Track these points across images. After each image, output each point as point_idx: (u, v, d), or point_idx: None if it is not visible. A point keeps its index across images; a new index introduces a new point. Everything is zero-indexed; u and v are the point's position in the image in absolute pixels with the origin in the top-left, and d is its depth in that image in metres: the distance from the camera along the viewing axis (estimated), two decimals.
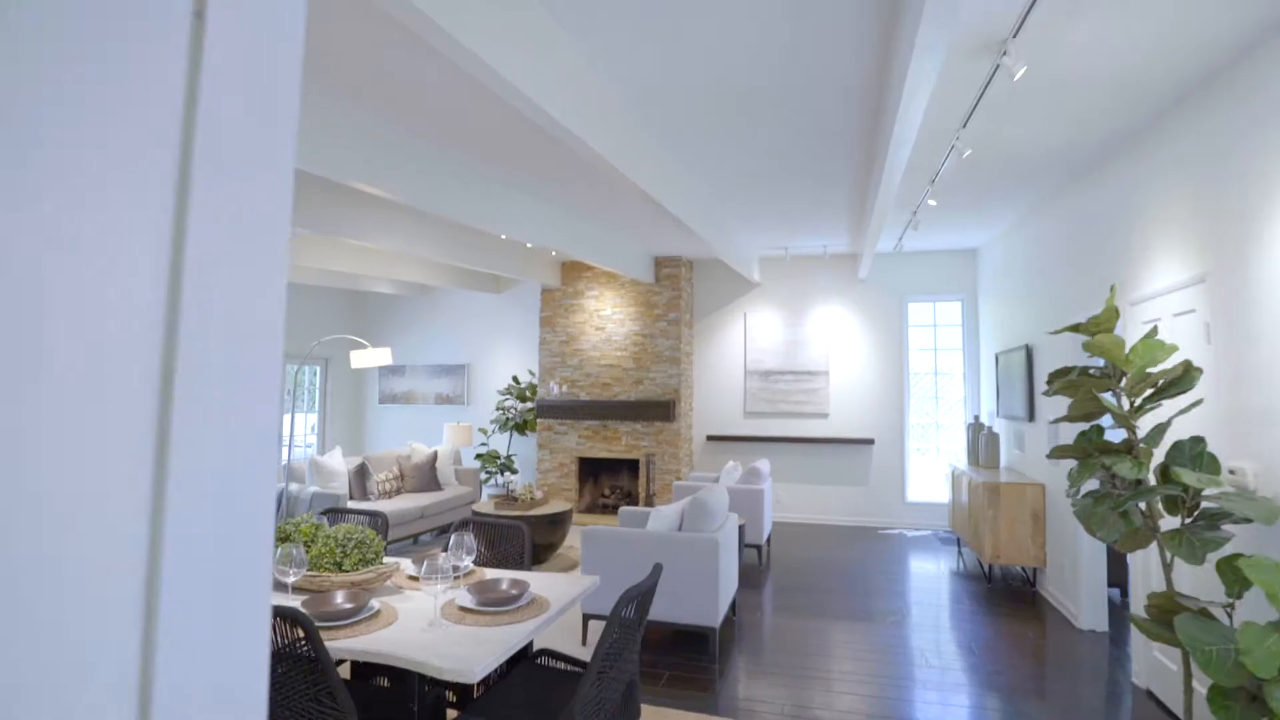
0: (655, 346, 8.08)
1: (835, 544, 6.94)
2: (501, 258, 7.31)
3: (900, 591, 5.35)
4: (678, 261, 8.06)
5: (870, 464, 7.83)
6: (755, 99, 3.55)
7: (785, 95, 3.49)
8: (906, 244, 6.93)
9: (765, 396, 8.18)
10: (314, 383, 9.87)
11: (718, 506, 4.14)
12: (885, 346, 7.85)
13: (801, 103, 3.57)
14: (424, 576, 2.26)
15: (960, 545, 6.81)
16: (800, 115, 3.75)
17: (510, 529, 3.19)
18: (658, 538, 4.01)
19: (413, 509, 6.32)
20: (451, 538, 2.61)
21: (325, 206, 5.35)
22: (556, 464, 8.42)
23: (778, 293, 8.23)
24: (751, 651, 4.13)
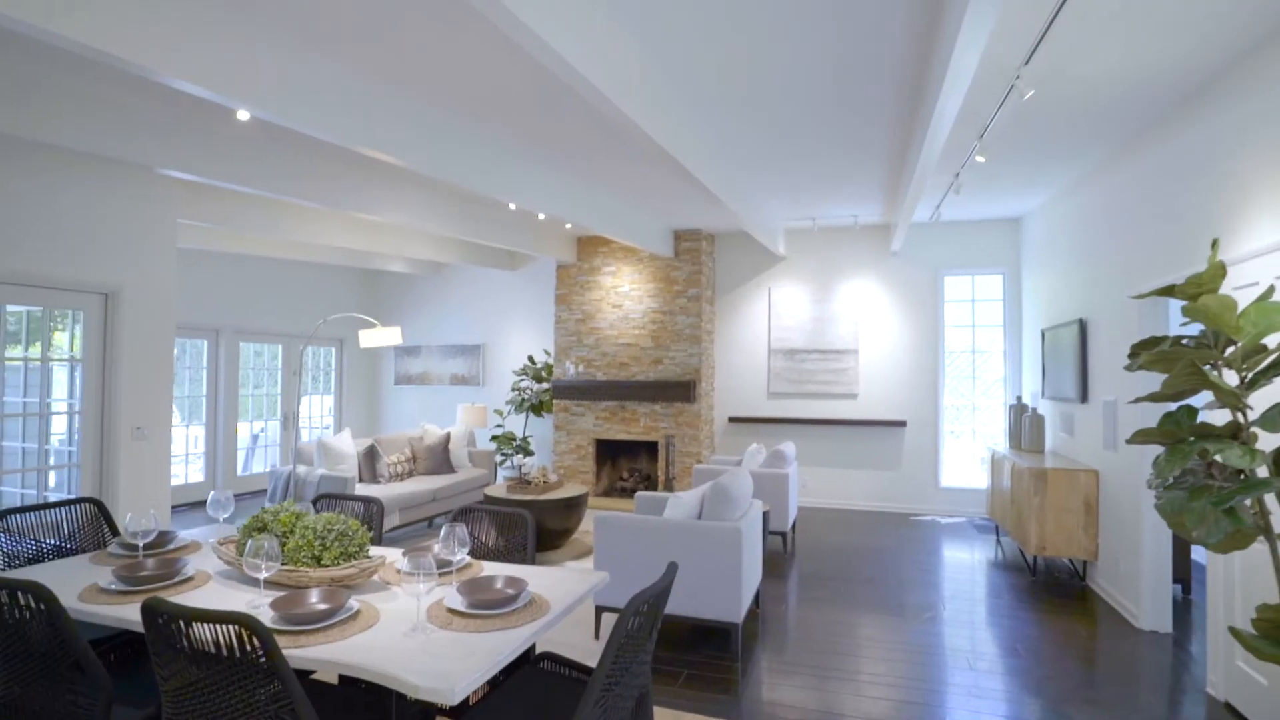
0: (675, 324, 7.74)
1: (864, 530, 6.59)
2: (514, 232, 7.00)
3: (935, 583, 5.00)
4: (698, 235, 7.69)
5: (902, 447, 7.45)
6: (783, 40, 3.17)
7: (816, 32, 3.10)
8: (944, 213, 6.48)
9: (790, 376, 7.81)
10: (329, 364, 9.69)
11: (740, 493, 3.82)
12: (919, 323, 7.42)
13: (836, 40, 3.19)
14: (405, 574, 1.98)
15: (999, 534, 6.43)
16: (834, 55, 3.36)
17: (513, 517, 2.91)
18: (676, 526, 3.70)
19: (424, 492, 6.10)
20: (443, 529, 2.32)
21: (332, 178, 5.08)
22: (573, 446, 8.16)
23: (804, 267, 7.83)
24: (776, 649, 3.83)
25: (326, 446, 5.68)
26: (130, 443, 4.66)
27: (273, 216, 5.97)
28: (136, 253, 4.69)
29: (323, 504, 3.30)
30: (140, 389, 4.71)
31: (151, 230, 4.77)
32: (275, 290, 8.68)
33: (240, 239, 6.88)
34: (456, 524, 2.36)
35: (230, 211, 5.58)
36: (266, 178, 4.65)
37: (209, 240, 6.64)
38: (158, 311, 4.81)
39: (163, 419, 4.86)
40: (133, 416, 4.66)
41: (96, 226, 4.47)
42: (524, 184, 5.12)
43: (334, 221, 6.58)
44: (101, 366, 4.60)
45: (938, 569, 5.37)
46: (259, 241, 7.07)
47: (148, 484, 4.76)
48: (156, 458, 4.83)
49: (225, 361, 8.03)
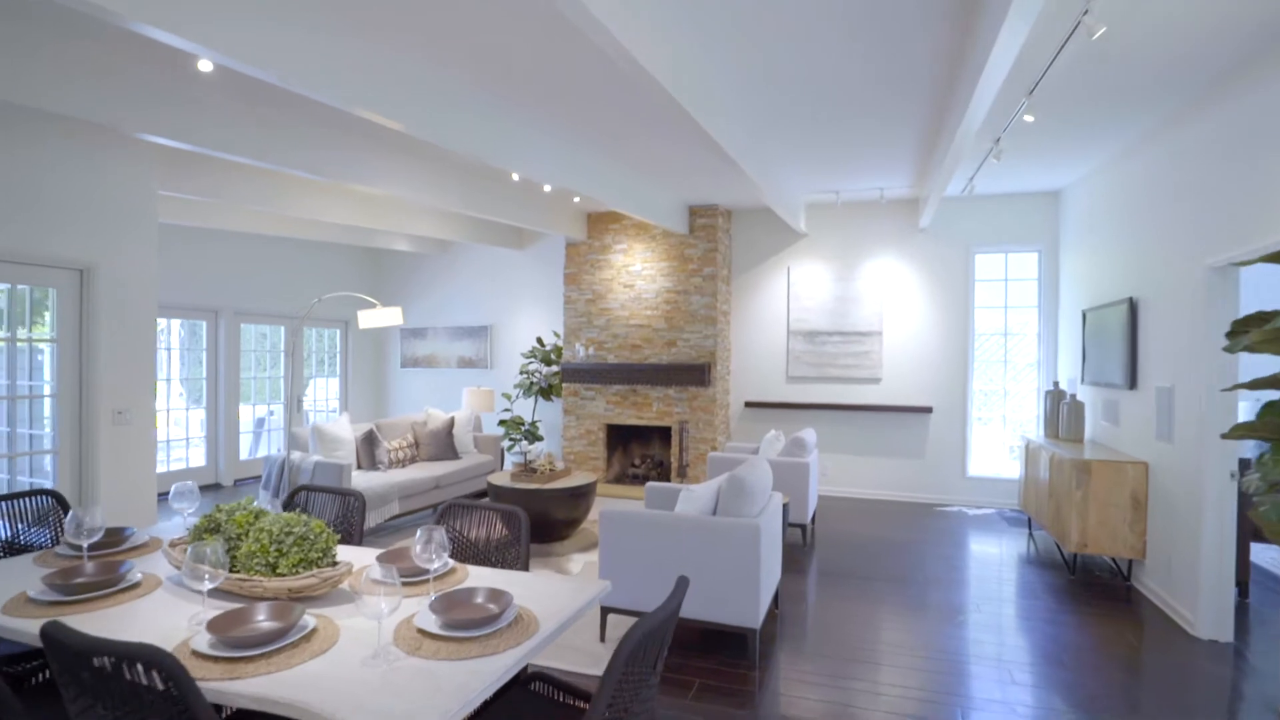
0: (689, 305, 7.39)
1: (888, 522, 6.25)
2: (521, 207, 6.66)
3: (966, 580, 4.66)
4: (714, 210, 7.30)
5: (927, 434, 7.07)
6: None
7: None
8: (978, 185, 6.04)
9: (810, 359, 7.44)
10: (334, 346, 9.45)
11: (759, 485, 3.49)
12: (947, 304, 7.01)
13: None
14: (364, 588, 1.68)
15: (1031, 527, 6.06)
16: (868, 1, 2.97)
17: (506, 515, 2.60)
18: (688, 523, 3.39)
19: (426, 479, 5.83)
20: (419, 532, 2.02)
21: (326, 147, 4.76)
22: (583, 431, 7.87)
23: (826, 244, 7.42)
24: (797, 655, 3.51)
25: (322, 432, 5.42)
26: (111, 427, 4.41)
27: (265, 189, 5.67)
28: (113, 226, 4.41)
29: (301, 497, 3.02)
30: (120, 371, 4.45)
31: (129, 202, 4.49)
32: (277, 270, 8.42)
33: (238, 215, 6.60)
34: (435, 527, 2.06)
35: (216, 183, 5.29)
36: (253, 145, 4.34)
37: (206, 217, 6.37)
38: (137, 289, 4.54)
39: (146, 402, 4.61)
40: (113, 399, 4.41)
41: (68, 197, 4.20)
42: (528, 152, 4.77)
43: (333, 196, 6.27)
44: (79, 347, 4.34)
45: (968, 565, 5.03)
46: (258, 219, 6.79)
47: (131, 470, 4.52)
48: (140, 443, 4.59)
49: (226, 343, 7.80)
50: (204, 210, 6.31)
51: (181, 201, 6.09)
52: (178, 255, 7.30)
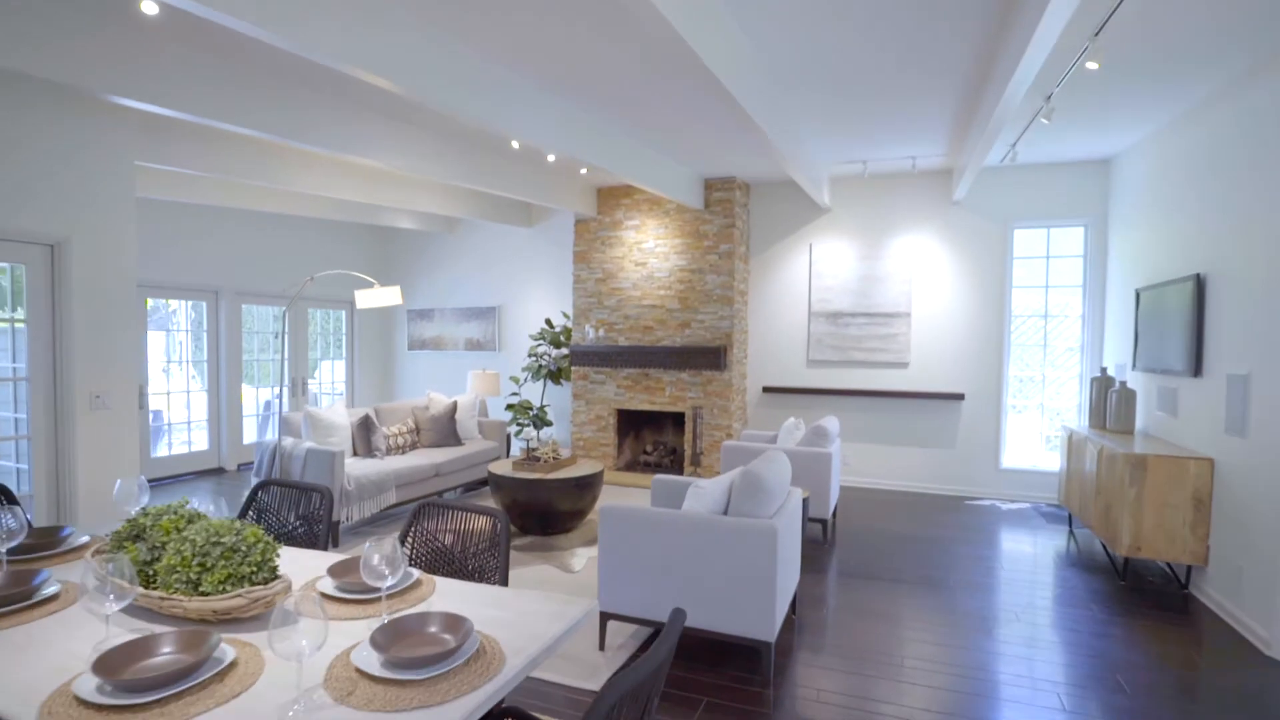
0: (704, 284, 6.99)
1: (915, 516, 5.85)
2: (526, 181, 6.30)
3: (1000, 583, 4.27)
4: (731, 183, 6.87)
5: (958, 422, 6.64)
6: None
7: None
8: (1021, 153, 5.56)
9: (833, 342, 7.03)
10: (339, 328, 9.20)
11: (776, 481, 3.13)
12: (982, 283, 6.54)
13: None
14: (306, 608, 1.37)
15: (1072, 524, 5.63)
16: None
17: (485, 516, 2.27)
18: (696, 523, 3.04)
19: (425, 466, 5.55)
20: (368, 544, 1.70)
21: (314, 111, 4.43)
22: (593, 416, 7.54)
23: (851, 219, 6.97)
24: (816, 668, 3.17)
25: (315, 418, 5.15)
26: (88, 413, 4.16)
27: (256, 161, 5.36)
28: (86, 198, 4.12)
29: (266, 493, 2.72)
30: (97, 352, 4.19)
31: (103, 172, 4.19)
32: (279, 249, 8.16)
33: (236, 192, 6.31)
34: (387, 537, 1.73)
35: (200, 153, 4.99)
36: (234, 109, 4.01)
37: (204, 194, 6.08)
38: (115, 266, 4.26)
39: (127, 386, 4.35)
40: (90, 383, 4.15)
41: (35, 166, 3.91)
42: (530, 116, 4.40)
43: (331, 170, 5.95)
44: (52, 327, 4.08)
45: (1004, 566, 4.63)
46: (257, 195, 6.49)
47: (111, 458, 4.27)
48: (122, 429, 4.33)
49: (227, 324, 7.57)
50: (200, 186, 6.03)
51: (176, 177, 5.81)
52: (175, 234, 7.05)
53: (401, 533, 2.36)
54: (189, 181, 5.93)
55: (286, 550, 2.28)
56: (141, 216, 6.71)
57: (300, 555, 2.25)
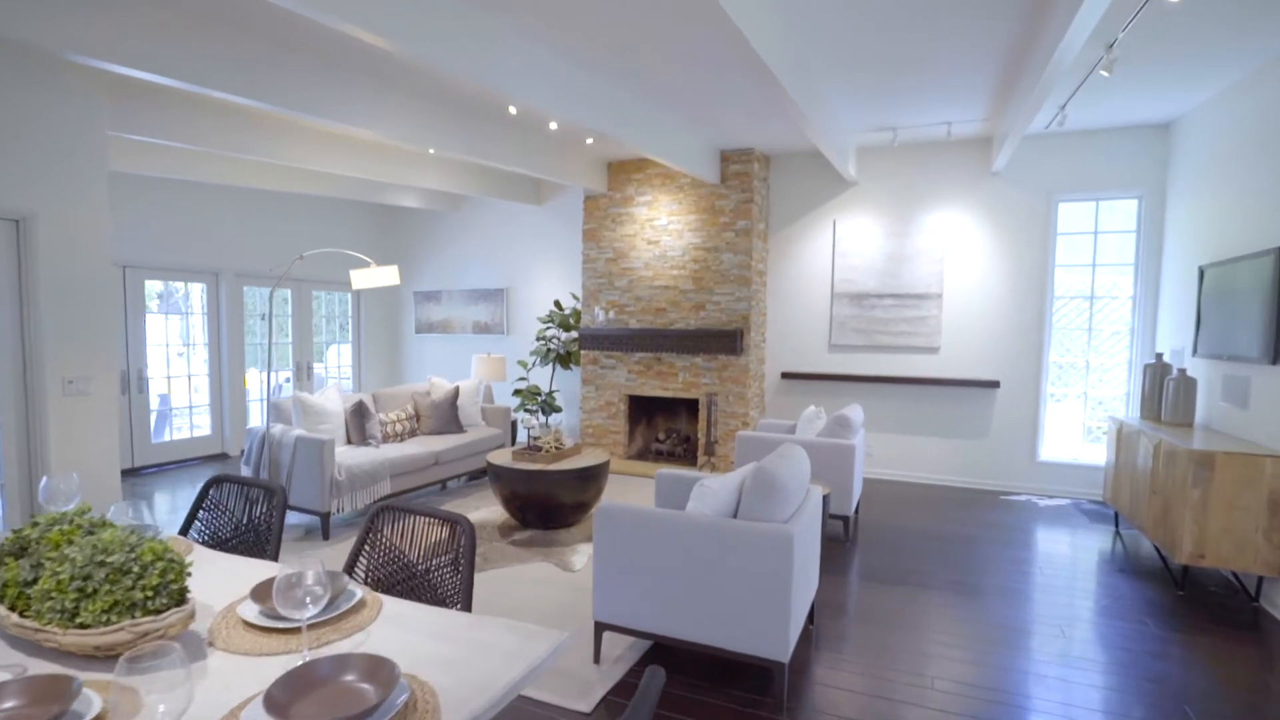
0: (720, 263, 6.59)
1: (944, 512, 5.45)
2: (530, 153, 5.93)
3: (1041, 591, 3.87)
4: (749, 155, 6.44)
5: (992, 412, 6.19)
6: None
7: None
8: (1071, 116, 5.06)
9: (857, 326, 6.60)
10: (344, 311, 8.96)
11: (793, 481, 2.77)
12: (1022, 262, 6.05)
13: None
14: (221, 638, 1.04)
15: (1118, 523, 5.19)
16: None
17: (448, 527, 1.94)
18: (701, 527, 2.69)
19: (423, 455, 5.26)
20: (280, 574, 1.37)
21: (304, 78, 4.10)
22: (603, 403, 7.21)
23: (879, 193, 6.50)
24: (835, 689, 2.82)
25: (305, 404, 4.88)
26: (62, 399, 3.91)
27: (243, 132, 5.07)
28: (53, 170, 3.85)
29: (217, 490, 2.42)
30: (70, 334, 3.93)
31: (72, 143, 3.91)
32: (281, 229, 7.90)
33: (231, 168, 6.03)
34: (308, 561, 1.40)
35: (179, 122, 4.69)
36: (213, 72, 3.71)
37: (198, 170, 5.82)
38: (87, 242, 3.99)
39: (106, 370, 4.10)
40: (63, 367, 3.90)
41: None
42: (534, 78, 4.02)
43: (323, 142, 5.64)
44: (19, 308, 3.83)
45: (1044, 570, 4.23)
46: (254, 172, 6.21)
47: (88, 447, 4.03)
48: (100, 416, 4.08)
49: (228, 306, 7.35)
50: (194, 162, 5.76)
51: (168, 153, 5.55)
52: (171, 213, 6.81)
53: (358, 539, 2.04)
54: (179, 157, 5.67)
55: (227, 561, 1.97)
56: (136, 196, 6.48)
57: (242, 568, 1.94)
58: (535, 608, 3.51)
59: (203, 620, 1.58)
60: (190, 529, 2.31)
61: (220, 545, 2.28)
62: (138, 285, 6.57)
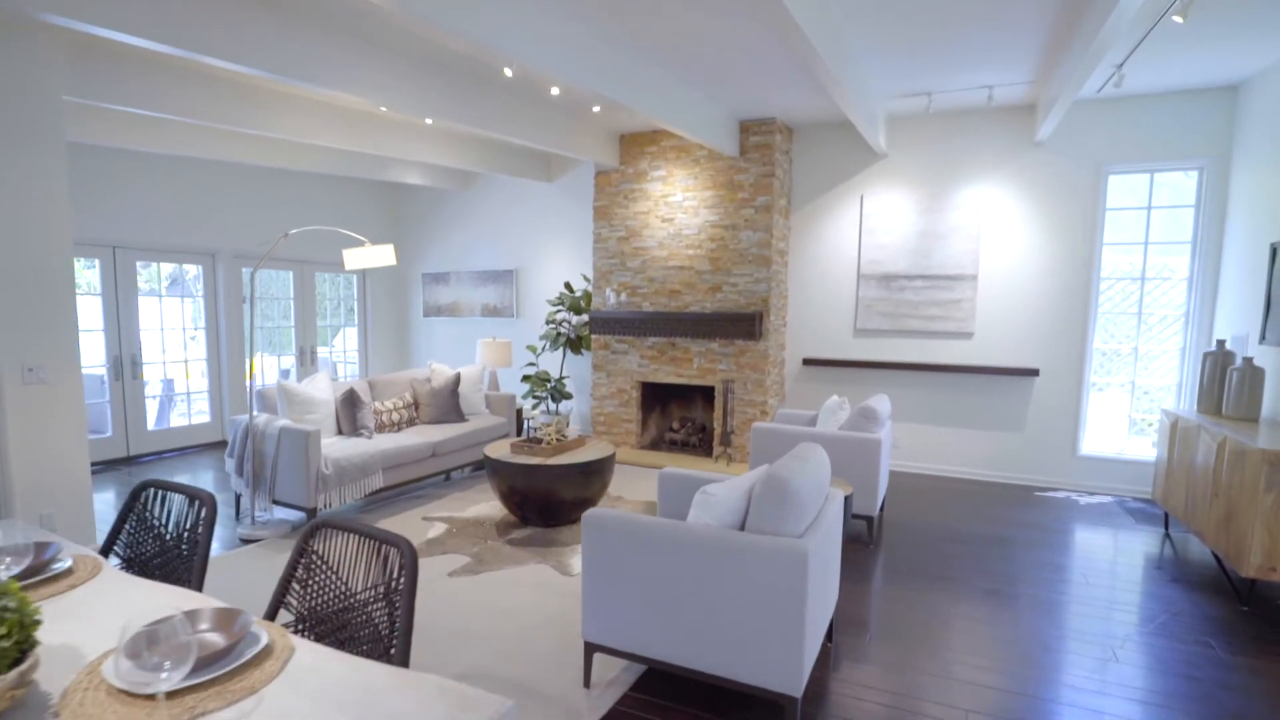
0: (738, 242, 6.19)
1: (976, 509, 5.05)
2: (534, 122, 5.56)
3: (1086, 603, 3.47)
4: (770, 126, 6.00)
5: (1029, 402, 5.75)
6: None
7: None
8: (1129, 77, 4.56)
9: (885, 309, 6.17)
10: (349, 293, 8.71)
11: (809, 486, 2.41)
12: (1066, 240, 5.57)
13: None
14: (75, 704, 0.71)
15: (1168, 525, 4.75)
16: None
17: (384, 551, 1.62)
18: (702, 541, 2.35)
19: (419, 446, 4.98)
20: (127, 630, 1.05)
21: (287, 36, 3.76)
22: (614, 390, 6.88)
23: (910, 166, 6.03)
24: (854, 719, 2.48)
25: (289, 392, 4.61)
26: (21, 388, 3.67)
27: (225, 101, 4.77)
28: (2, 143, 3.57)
29: (145, 496, 2.13)
30: (27, 319, 3.67)
31: (24, 109, 3.63)
32: (281, 208, 7.64)
33: (223, 143, 5.76)
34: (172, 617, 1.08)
35: (151, 89, 4.39)
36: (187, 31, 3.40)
37: (192, 144, 5.55)
38: (41, 219, 3.71)
39: (67, 358, 3.84)
40: (20, 354, 3.65)
41: None
42: (529, 34, 3.65)
43: (318, 113, 5.32)
44: None
45: (1089, 577, 3.83)
46: (249, 147, 5.93)
47: (52, 440, 3.78)
48: (65, 406, 3.84)
49: (226, 289, 7.12)
50: (185, 136, 5.49)
51: (157, 126, 5.29)
52: (164, 191, 6.56)
53: (289, 562, 1.74)
54: (170, 131, 5.39)
55: (140, 590, 1.66)
56: (126, 173, 6.24)
57: (153, 599, 1.63)
58: (525, 617, 3.21)
59: (67, 676, 1.28)
60: (114, 545, 2.02)
61: (143, 566, 1.99)
62: (129, 267, 6.35)
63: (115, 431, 6.30)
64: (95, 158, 6.05)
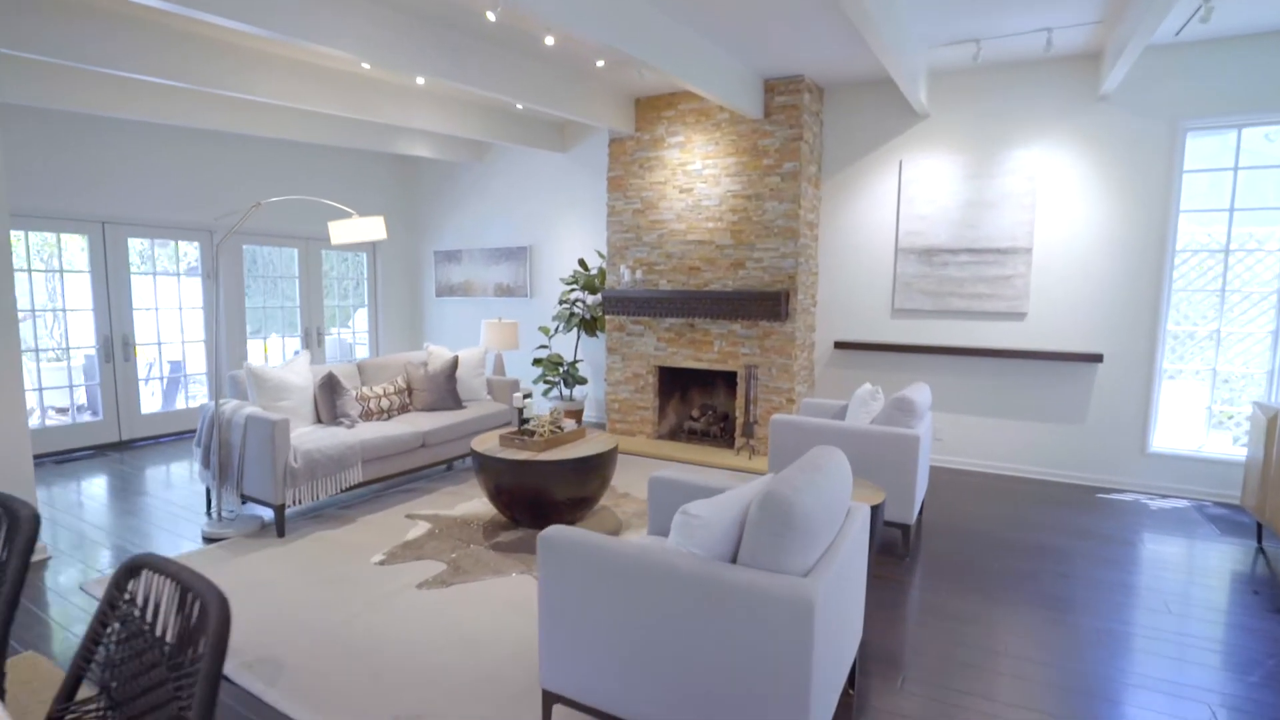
0: (763, 214, 5.62)
1: (1028, 512, 4.44)
2: (542, 86, 5.06)
3: (1167, 638, 2.89)
4: (798, 84, 5.39)
5: (1091, 391, 5.09)
6: None
7: None
8: (1215, 15, 3.85)
9: (926, 286, 5.54)
10: (359, 272, 8.38)
11: (820, 511, 1.90)
12: (1135, 207, 4.87)
13: None
14: None
15: (1261, 537, 4.09)
16: None
17: (190, 606, 1.17)
18: (680, 577, 1.85)
19: (406, 436, 4.58)
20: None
21: None
22: (629, 375, 6.41)
23: (955, 126, 5.37)
24: None
25: (259, 376, 4.23)
26: None
27: (207, 62, 4.37)
28: None
29: None
30: None
31: None
32: (284, 182, 7.29)
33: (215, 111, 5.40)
34: None
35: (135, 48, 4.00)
36: None
37: (189, 112, 5.21)
38: None
39: (6, 335, 3.51)
40: None
41: None
42: None
43: (302, 73, 4.91)
44: None
45: (1168, 604, 3.23)
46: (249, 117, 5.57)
47: None
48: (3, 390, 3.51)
49: (226, 267, 6.82)
50: (178, 103, 5.14)
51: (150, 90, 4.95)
52: (158, 164, 6.25)
53: (98, 611, 1.30)
54: (163, 97, 5.05)
55: None
56: (117, 143, 5.93)
57: None
58: (491, 646, 2.76)
59: None
60: None
61: None
62: (120, 243, 6.07)
63: (106, 415, 6.06)
64: (84, 127, 5.75)
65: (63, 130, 5.63)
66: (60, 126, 5.62)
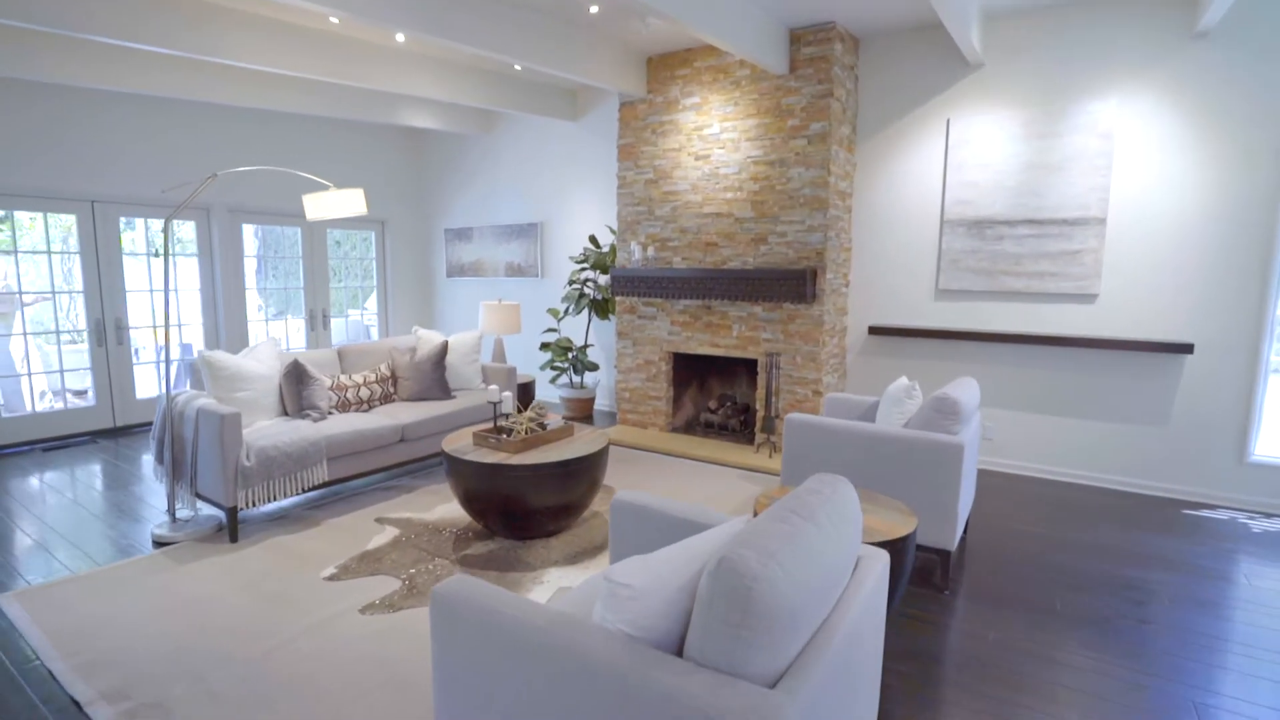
0: (787, 181, 4.96)
1: (1095, 531, 3.75)
2: (540, 42, 4.50)
3: None
4: (829, 32, 4.69)
5: (1177, 387, 4.32)
6: None
7: None
8: None
9: (977, 264, 4.82)
10: (367, 251, 8.01)
11: (803, 588, 1.34)
12: (1236, 169, 4.05)
13: None
14: None
15: None
16: None
17: None
18: (598, 668, 1.31)
19: (382, 430, 4.14)
20: None
21: None
22: (641, 361, 5.86)
23: (1015, 77, 4.60)
24: None
25: (213, 365, 3.82)
26: None
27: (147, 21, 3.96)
28: None
29: None
30: None
31: None
32: (285, 157, 6.92)
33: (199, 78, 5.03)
34: None
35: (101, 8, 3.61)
36: None
37: (178, 83, 4.86)
38: None
39: None
40: None
41: None
42: None
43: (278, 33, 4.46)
44: None
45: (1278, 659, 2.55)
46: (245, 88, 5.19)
47: None
48: None
49: (222, 247, 6.50)
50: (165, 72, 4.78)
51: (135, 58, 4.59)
52: (149, 138, 5.92)
53: None
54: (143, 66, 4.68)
55: None
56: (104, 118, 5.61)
57: None
58: (420, 691, 2.28)
59: None
60: None
61: None
62: (110, 222, 5.78)
63: (100, 400, 5.82)
64: (70, 100, 5.44)
65: (42, 102, 5.33)
66: (56, 102, 5.32)
